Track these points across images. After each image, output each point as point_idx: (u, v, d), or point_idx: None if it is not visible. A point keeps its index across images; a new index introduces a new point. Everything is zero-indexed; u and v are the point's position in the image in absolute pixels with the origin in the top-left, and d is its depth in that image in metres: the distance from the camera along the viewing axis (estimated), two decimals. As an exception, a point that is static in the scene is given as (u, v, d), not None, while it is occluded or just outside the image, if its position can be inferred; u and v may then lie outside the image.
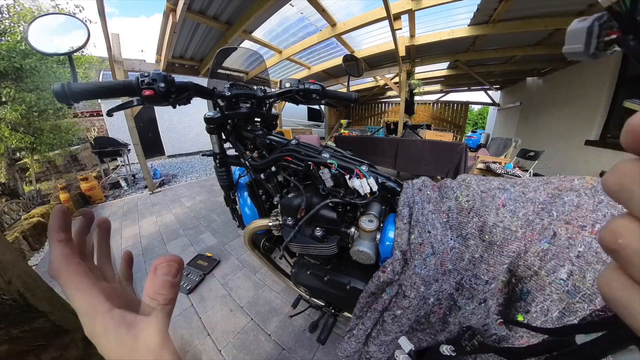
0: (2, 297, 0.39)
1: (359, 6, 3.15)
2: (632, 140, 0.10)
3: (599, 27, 0.15)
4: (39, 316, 0.43)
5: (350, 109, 11.21)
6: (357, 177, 0.64)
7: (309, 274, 0.83)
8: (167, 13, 2.79)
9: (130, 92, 0.61)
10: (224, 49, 1.04)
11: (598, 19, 0.15)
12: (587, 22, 0.16)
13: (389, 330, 0.55)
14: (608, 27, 0.15)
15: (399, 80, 4.80)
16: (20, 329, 0.39)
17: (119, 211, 3.46)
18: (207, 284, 1.85)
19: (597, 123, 3.70)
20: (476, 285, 0.47)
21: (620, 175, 0.11)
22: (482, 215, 0.48)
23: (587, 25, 0.15)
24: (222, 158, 0.97)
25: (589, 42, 0.15)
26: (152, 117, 8.19)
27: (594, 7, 2.60)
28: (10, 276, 0.42)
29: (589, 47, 0.15)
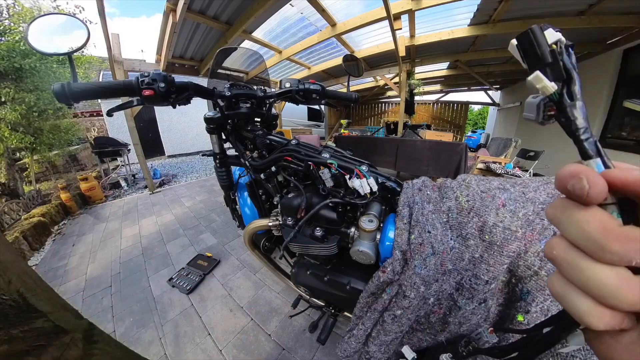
0: (2, 297, 0.39)
1: (359, 6, 3.15)
2: (559, 184, 0.16)
3: (543, 105, 0.20)
4: (39, 316, 0.43)
5: (350, 109, 11.21)
6: (357, 177, 0.64)
7: (309, 274, 0.83)
8: (167, 13, 2.79)
9: (130, 92, 0.61)
10: (224, 49, 1.04)
11: (543, 100, 0.20)
12: (537, 99, 0.21)
13: (389, 330, 0.55)
14: (549, 105, 0.20)
15: (399, 80, 4.80)
16: (20, 329, 0.39)
17: (119, 211, 3.46)
18: (207, 284, 1.85)
19: (597, 123, 3.70)
20: (476, 285, 0.47)
21: (553, 208, 0.16)
22: (482, 215, 0.48)
23: (537, 102, 0.21)
24: (222, 158, 0.97)
25: (538, 113, 0.20)
26: (152, 117, 8.19)
27: (594, 6, 2.60)
28: (10, 276, 0.42)
29: (538, 117, 0.21)
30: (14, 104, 3.41)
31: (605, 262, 0.14)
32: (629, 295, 0.13)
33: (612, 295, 0.13)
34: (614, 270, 0.13)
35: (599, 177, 0.14)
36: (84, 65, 6.01)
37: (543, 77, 0.19)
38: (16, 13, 3.79)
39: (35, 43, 0.61)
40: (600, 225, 0.14)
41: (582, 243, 0.14)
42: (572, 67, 0.19)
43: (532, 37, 0.19)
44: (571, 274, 0.15)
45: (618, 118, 3.48)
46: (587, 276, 0.14)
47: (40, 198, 3.66)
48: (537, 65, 0.20)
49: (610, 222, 0.14)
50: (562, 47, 0.19)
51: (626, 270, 0.13)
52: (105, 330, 0.82)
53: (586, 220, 0.14)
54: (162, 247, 2.41)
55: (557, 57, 0.19)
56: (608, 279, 0.13)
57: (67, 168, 6.41)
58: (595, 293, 0.14)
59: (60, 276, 2.05)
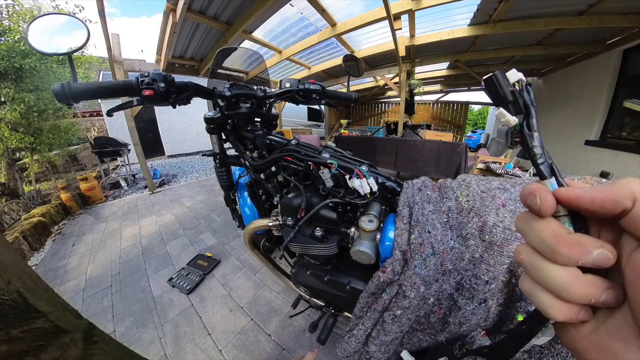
0: (2, 297, 0.39)
1: (359, 6, 3.14)
2: (522, 200, 0.19)
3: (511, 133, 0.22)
4: (39, 316, 0.43)
5: (350, 109, 11.21)
6: (357, 177, 0.64)
7: (309, 274, 0.83)
8: (167, 13, 2.78)
9: (130, 92, 0.61)
10: (224, 49, 1.04)
11: (510, 129, 0.23)
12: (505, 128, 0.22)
13: (389, 330, 0.55)
14: (515, 133, 0.23)
15: (399, 80, 4.80)
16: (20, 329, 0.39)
17: (119, 211, 3.46)
18: (207, 284, 1.85)
19: (597, 123, 3.70)
20: (476, 286, 0.47)
21: (519, 220, 0.19)
22: (482, 215, 0.48)
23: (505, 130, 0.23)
24: (222, 158, 0.97)
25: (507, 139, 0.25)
26: (152, 117, 8.19)
27: (594, 6, 2.60)
28: (10, 276, 0.42)
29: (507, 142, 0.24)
30: (13, 104, 3.41)
31: (558, 263, 0.16)
32: (578, 290, 0.16)
33: (565, 290, 0.16)
34: (565, 270, 0.16)
35: (549, 194, 0.17)
36: (84, 65, 6.01)
37: (506, 113, 0.22)
38: (16, 13, 3.79)
39: (35, 43, 0.61)
40: (552, 233, 0.17)
41: (540, 248, 0.17)
42: (530, 103, 0.22)
43: (495, 81, 0.23)
44: (534, 274, 0.18)
45: (618, 118, 3.47)
46: (546, 275, 0.17)
47: (40, 198, 3.66)
48: (501, 103, 0.23)
49: (561, 230, 0.17)
50: (522, 85, 0.22)
51: (576, 270, 0.16)
52: (105, 330, 0.82)
53: (542, 229, 0.17)
54: (162, 247, 2.41)
55: (516, 97, 0.22)
56: (561, 277, 0.16)
57: (67, 168, 6.41)
58: (552, 289, 0.17)
59: (60, 276, 2.05)
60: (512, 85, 0.23)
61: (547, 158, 0.20)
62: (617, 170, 3.29)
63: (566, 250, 0.16)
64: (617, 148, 3.35)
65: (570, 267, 0.16)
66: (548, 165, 0.20)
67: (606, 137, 3.64)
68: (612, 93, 3.50)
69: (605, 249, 0.15)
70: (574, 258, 0.16)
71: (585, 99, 3.93)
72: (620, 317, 0.16)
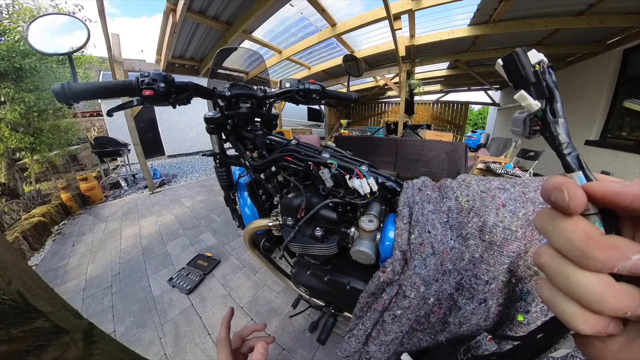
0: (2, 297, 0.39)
1: (359, 6, 3.14)
2: (545, 195, 0.16)
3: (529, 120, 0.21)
4: (39, 316, 0.43)
5: (350, 109, 11.21)
6: (357, 177, 0.64)
7: (309, 274, 0.83)
8: (167, 13, 2.79)
9: (130, 92, 0.61)
10: (224, 49, 1.04)
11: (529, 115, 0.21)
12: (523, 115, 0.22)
13: (389, 330, 0.55)
14: (535, 121, 0.21)
15: (399, 80, 4.80)
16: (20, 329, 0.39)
17: (119, 211, 3.46)
18: (207, 284, 1.85)
19: (597, 123, 3.70)
20: (476, 285, 0.47)
21: (540, 218, 0.17)
22: (482, 215, 0.48)
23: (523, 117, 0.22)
24: (222, 158, 0.97)
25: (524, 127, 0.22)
26: (152, 117, 8.19)
27: (594, 6, 2.60)
28: (10, 276, 0.42)
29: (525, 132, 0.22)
30: (14, 104, 3.41)
31: (589, 269, 0.14)
32: (612, 301, 0.13)
33: (596, 301, 0.14)
34: (597, 277, 0.14)
35: (579, 189, 0.15)
36: (84, 65, 6.01)
37: (527, 96, 0.20)
38: (16, 13, 3.79)
39: (36, 43, 0.61)
40: (583, 234, 0.14)
41: (567, 251, 0.15)
42: (553, 86, 0.20)
43: (516, 59, 0.21)
44: (558, 281, 0.16)
45: (618, 118, 3.47)
46: (573, 282, 0.15)
47: (40, 198, 3.66)
48: (522, 85, 0.21)
49: (593, 231, 0.14)
50: (544, 67, 0.20)
51: (609, 277, 0.14)
52: (105, 330, 0.82)
53: (570, 230, 0.15)
54: (162, 247, 2.41)
55: (539, 78, 0.20)
56: (592, 285, 0.14)
57: (67, 168, 6.41)
58: (580, 298, 0.14)
59: (61, 276, 2.05)
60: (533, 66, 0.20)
61: (574, 148, 0.18)
62: (617, 170, 3.29)
63: (601, 254, 0.14)
64: (617, 148, 3.35)
65: (602, 274, 0.14)
66: (575, 156, 0.17)
67: (606, 137, 3.64)
68: (612, 93, 3.50)
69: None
70: (610, 263, 0.13)
71: (585, 99, 3.93)
72: None
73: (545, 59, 0.20)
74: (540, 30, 3.14)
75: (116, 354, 0.56)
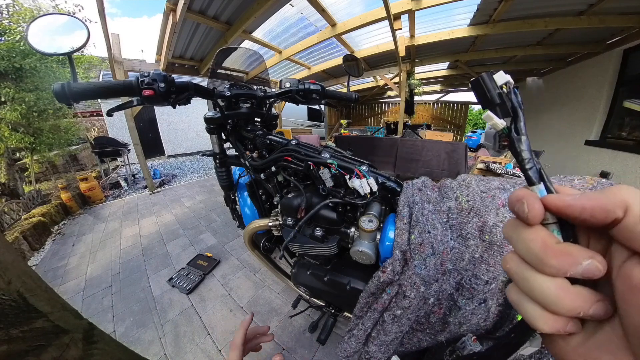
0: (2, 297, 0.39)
1: (359, 6, 3.14)
2: (510, 207, 0.18)
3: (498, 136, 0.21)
4: (39, 316, 0.43)
5: (350, 109, 11.21)
6: (357, 177, 0.64)
7: (309, 274, 0.83)
8: (167, 13, 2.78)
9: (130, 92, 0.61)
10: (224, 49, 1.04)
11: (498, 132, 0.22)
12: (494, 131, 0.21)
13: (389, 331, 0.55)
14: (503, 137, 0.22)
15: (399, 80, 4.80)
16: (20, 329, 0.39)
17: (118, 211, 3.46)
18: (207, 284, 1.85)
19: (597, 123, 3.70)
20: (476, 286, 0.47)
21: (507, 227, 0.19)
22: (482, 215, 0.48)
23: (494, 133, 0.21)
24: (222, 158, 0.97)
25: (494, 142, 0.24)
26: (152, 117, 8.19)
27: (594, 6, 2.60)
28: (10, 276, 0.42)
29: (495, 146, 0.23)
30: (14, 104, 3.41)
31: (546, 274, 0.16)
32: (566, 302, 0.15)
33: (553, 302, 0.15)
34: (554, 281, 0.15)
35: (537, 202, 0.17)
36: (84, 65, 6.01)
37: (493, 116, 0.22)
38: (16, 13, 3.79)
39: (36, 43, 0.61)
40: (541, 242, 0.16)
41: (528, 257, 0.17)
42: (517, 105, 0.21)
43: (482, 83, 0.22)
44: (522, 284, 0.17)
45: (618, 118, 3.47)
46: (533, 286, 0.16)
47: (40, 198, 3.66)
48: (489, 106, 0.22)
49: (550, 239, 0.16)
50: (510, 87, 0.22)
51: (565, 281, 0.15)
52: (105, 330, 0.82)
53: (530, 239, 0.17)
54: (162, 247, 2.41)
55: (504, 99, 0.22)
56: (549, 288, 0.15)
57: (67, 168, 6.41)
58: (540, 300, 0.16)
59: (60, 276, 2.05)
60: (499, 87, 0.22)
61: (536, 163, 0.20)
62: (617, 170, 3.29)
63: (555, 260, 0.15)
64: (617, 148, 3.35)
65: (558, 278, 0.16)
66: (536, 171, 0.19)
67: (606, 137, 3.64)
68: (612, 93, 3.50)
69: (595, 260, 0.15)
70: (563, 269, 0.15)
71: (585, 99, 3.93)
72: (609, 330, 0.15)
73: (512, 80, 0.22)
74: (540, 30, 3.13)
75: (116, 354, 0.56)
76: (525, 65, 4.98)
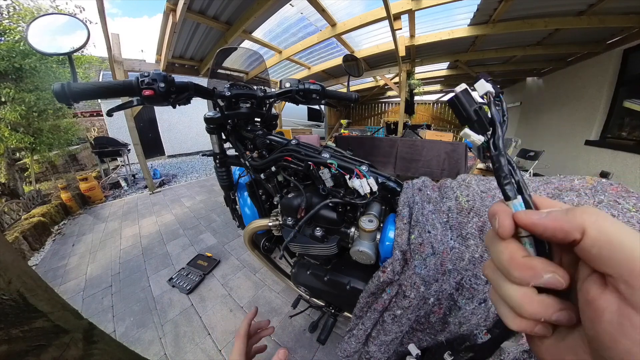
0: (2, 297, 0.39)
1: (359, 6, 3.14)
2: (489, 219, 0.20)
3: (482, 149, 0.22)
4: (39, 316, 0.43)
5: (350, 109, 11.21)
6: (357, 177, 0.64)
7: (309, 274, 0.83)
8: (167, 13, 2.78)
9: (130, 92, 0.61)
10: (224, 49, 1.04)
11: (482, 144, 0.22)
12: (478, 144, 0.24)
13: (389, 330, 0.55)
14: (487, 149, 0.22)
15: (399, 80, 4.80)
16: (20, 329, 0.39)
17: (118, 211, 3.46)
18: (207, 284, 1.85)
19: (597, 123, 3.70)
20: (476, 285, 0.47)
21: (487, 238, 0.20)
22: (482, 215, 0.48)
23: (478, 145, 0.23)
24: (222, 158, 0.97)
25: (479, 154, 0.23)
26: (152, 117, 8.19)
27: (594, 6, 2.60)
28: (10, 276, 0.42)
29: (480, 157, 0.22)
30: (14, 104, 3.41)
31: (513, 283, 0.18)
32: (528, 308, 0.17)
33: (517, 307, 0.17)
34: (520, 289, 0.17)
35: (508, 219, 0.18)
36: (84, 65, 6.01)
37: (471, 133, 0.22)
38: (16, 13, 3.79)
39: (36, 43, 0.61)
40: (508, 255, 0.18)
41: (499, 267, 0.19)
42: (496, 119, 0.21)
43: (457, 103, 0.23)
44: (497, 289, 0.19)
45: (618, 118, 3.47)
46: (504, 292, 0.18)
47: (41, 198, 3.66)
48: (467, 122, 0.23)
49: (517, 253, 0.18)
50: (491, 97, 0.22)
51: (531, 290, 0.17)
52: (105, 330, 0.82)
53: (500, 251, 0.18)
54: (162, 247, 2.41)
55: (480, 116, 0.22)
56: (515, 295, 0.17)
57: (67, 168, 6.41)
58: (509, 304, 0.18)
59: (60, 276, 2.05)
60: (476, 103, 0.22)
61: (514, 176, 0.20)
62: (617, 170, 3.29)
63: (517, 273, 0.17)
64: (617, 148, 3.35)
65: (524, 287, 0.17)
66: (514, 186, 0.20)
67: (606, 137, 3.64)
68: (612, 93, 3.50)
69: (557, 274, 0.16)
70: (525, 280, 0.17)
71: (585, 99, 3.93)
72: (578, 337, 0.16)
73: (492, 90, 0.22)
74: (540, 30, 3.13)
75: (116, 354, 0.56)
76: (525, 65, 4.98)
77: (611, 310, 0.13)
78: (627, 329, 0.12)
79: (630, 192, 0.42)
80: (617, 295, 0.13)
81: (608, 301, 0.13)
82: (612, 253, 0.13)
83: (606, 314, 0.13)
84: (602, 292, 0.14)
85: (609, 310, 0.13)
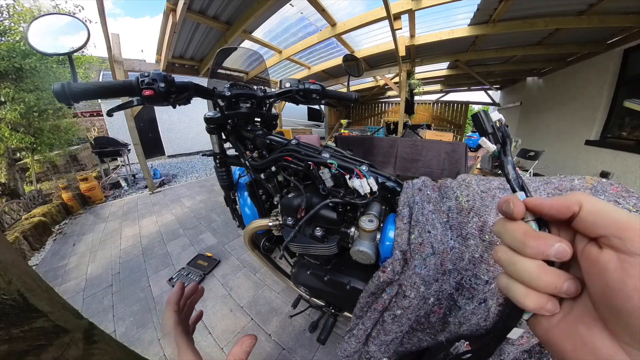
0: (2, 297, 0.39)
1: (359, 6, 3.14)
2: (499, 208, 0.23)
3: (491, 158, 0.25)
4: (39, 316, 0.43)
5: (350, 109, 11.20)
6: (357, 177, 0.64)
7: (309, 274, 0.83)
8: (167, 13, 2.78)
9: (130, 92, 0.61)
10: (224, 49, 1.04)
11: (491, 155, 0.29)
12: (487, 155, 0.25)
13: (389, 330, 0.55)
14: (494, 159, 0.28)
15: (399, 80, 4.80)
16: (20, 329, 0.39)
17: (118, 211, 3.46)
18: (207, 284, 1.85)
19: (597, 123, 3.70)
20: (476, 285, 0.47)
21: (496, 225, 0.23)
22: (482, 215, 0.48)
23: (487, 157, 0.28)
24: (222, 158, 0.97)
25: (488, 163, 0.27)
26: (152, 117, 8.19)
27: (594, 6, 2.60)
28: (10, 276, 0.42)
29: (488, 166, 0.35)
30: (14, 104, 3.41)
31: (528, 255, 0.20)
32: (544, 278, 0.19)
33: (534, 279, 0.19)
34: (534, 262, 0.20)
35: (519, 202, 0.21)
36: (84, 65, 6.02)
37: (487, 142, 0.29)
38: (16, 13, 3.79)
39: (36, 43, 0.61)
40: (522, 231, 0.21)
41: (513, 244, 0.21)
42: (506, 136, 0.29)
43: (479, 119, 0.30)
44: (509, 269, 0.21)
45: (618, 118, 3.47)
46: (518, 268, 0.20)
47: (41, 198, 3.66)
48: (484, 133, 0.30)
49: (529, 229, 0.21)
50: (501, 123, 0.29)
51: (543, 263, 0.19)
52: (105, 330, 0.82)
53: (514, 229, 0.21)
54: (162, 247, 2.41)
55: (495, 130, 0.29)
56: (531, 268, 0.19)
57: (67, 168, 6.42)
58: (524, 279, 0.20)
59: (61, 276, 2.05)
60: (492, 121, 0.30)
61: (518, 177, 0.26)
62: (617, 170, 3.29)
63: (534, 242, 0.19)
64: (617, 148, 3.35)
65: (538, 260, 0.19)
66: (518, 183, 0.26)
67: (606, 137, 3.64)
68: (612, 93, 3.50)
69: (563, 243, 0.19)
70: (540, 249, 0.19)
71: (586, 99, 3.92)
72: (582, 306, 0.19)
73: (503, 118, 0.30)
74: (540, 30, 3.13)
75: (116, 353, 0.56)
76: (525, 65, 4.98)
77: (613, 260, 0.16)
78: (628, 269, 0.15)
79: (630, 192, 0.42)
80: (613, 249, 0.16)
81: (608, 255, 0.17)
82: (604, 217, 0.17)
83: (610, 264, 0.16)
84: (601, 252, 0.17)
85: (611, 261, 0.16)
